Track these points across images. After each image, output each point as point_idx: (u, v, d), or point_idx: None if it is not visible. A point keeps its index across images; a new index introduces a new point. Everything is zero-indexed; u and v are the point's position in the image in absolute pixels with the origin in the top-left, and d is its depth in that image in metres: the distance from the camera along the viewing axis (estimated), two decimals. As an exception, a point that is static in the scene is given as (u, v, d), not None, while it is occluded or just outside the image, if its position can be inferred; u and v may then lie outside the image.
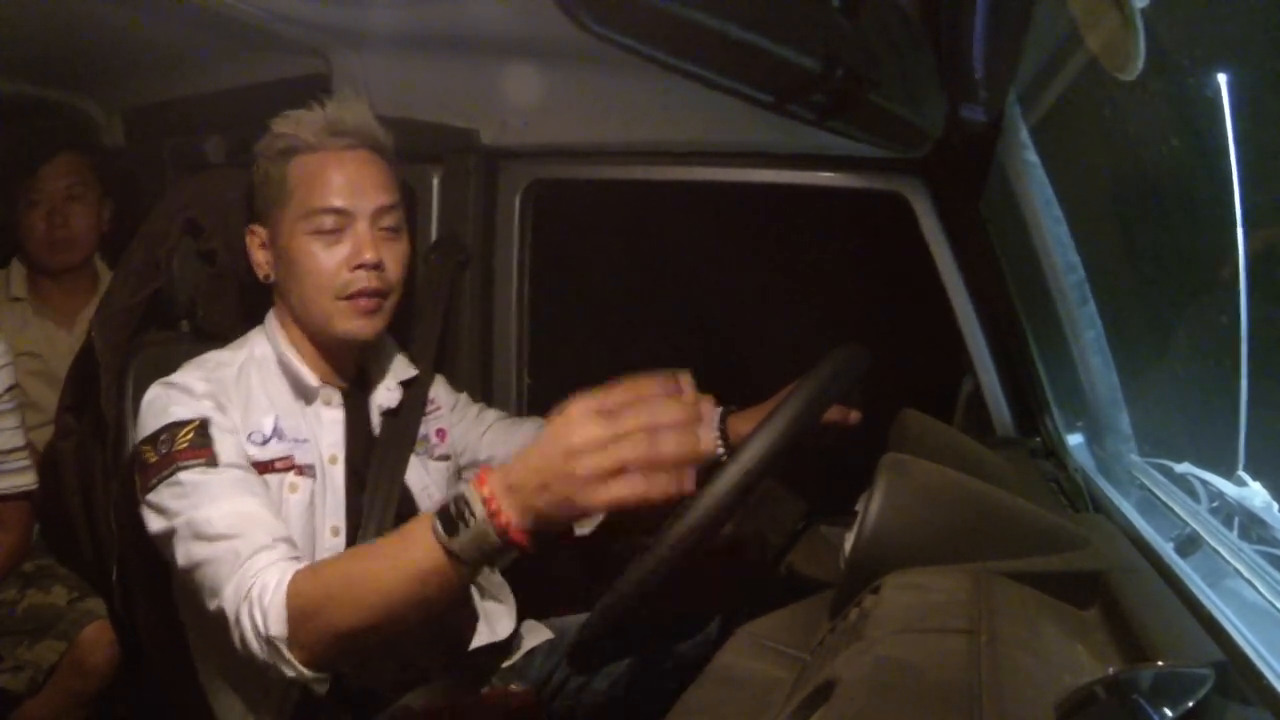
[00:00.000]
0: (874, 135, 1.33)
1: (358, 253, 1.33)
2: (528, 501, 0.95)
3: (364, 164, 1.37)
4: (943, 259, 1.60)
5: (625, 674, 1.44)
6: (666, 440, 0.91)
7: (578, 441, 0.91)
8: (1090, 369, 1.46)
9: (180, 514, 1.19)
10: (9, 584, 1.78)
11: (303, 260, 1.33)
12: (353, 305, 1.34)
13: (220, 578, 1.14)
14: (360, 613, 1.05)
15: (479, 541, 0.97)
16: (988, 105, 1.18)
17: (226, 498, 1.20)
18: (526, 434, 1.60)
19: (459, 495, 0.99)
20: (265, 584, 1.10)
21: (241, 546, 1.15)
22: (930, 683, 0.67)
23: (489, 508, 0.96)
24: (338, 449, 1.40)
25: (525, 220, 1.98)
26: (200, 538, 1.17)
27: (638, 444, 0.90)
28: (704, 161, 1.80)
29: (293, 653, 1.08)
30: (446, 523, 0.99)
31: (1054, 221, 1.40)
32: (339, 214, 1.33)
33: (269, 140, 1.38)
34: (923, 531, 0.92)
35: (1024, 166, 1.37)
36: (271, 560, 1.14)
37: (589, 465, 0.90)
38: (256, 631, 1.09)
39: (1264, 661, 0.77)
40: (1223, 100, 1.11)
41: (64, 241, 2.13)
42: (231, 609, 1.12)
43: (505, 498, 0.96)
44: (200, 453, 1.23)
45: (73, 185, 2.13)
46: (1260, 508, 1.14)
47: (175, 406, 1.26)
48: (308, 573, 1.12)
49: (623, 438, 0.90)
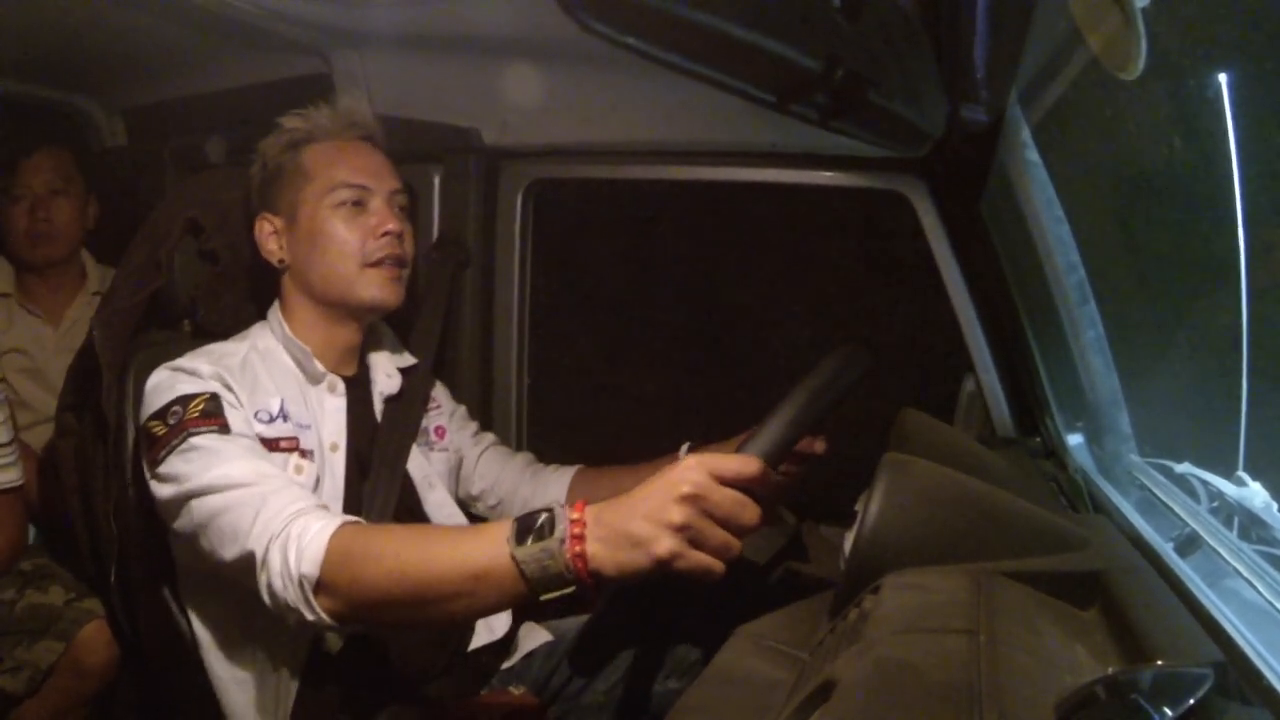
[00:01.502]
0: (875, 135, 1.33)
1: (382, 222, 1.39)
2: (611, 537, 0.95)
3: (375, 153, 1.46)
4: (943, 259, 1.61)
5: (625, 676, 1.44)
6: (744, 520, 0.95)
7: (687, 490, 0.93)
8: (1090, 369, 1.46)
9: (194, 475, 1.18)
10: (7, 584, 1.77)
11: (329, 232, 1.38)
12: (379, 271, 1.39)
13: (243, 520, 1.13)
14: (401, 584, 1.03)
15: (545, 559, 0.96)
16: (989, 105, 1.18)
17: (242, 458, 1.20)
18: (518, 466, 1.62)
19: (548, 508, 0.99)
20: (307, 526, 1.09)
21: (266, 491, 1.15)
22: (930, 683, 0.67)
23: (572, 530, 0.96)
24: (339, 437, 1.41)
25: (525, 220, 1.98)
26: (219, 489, 1.17)
27: (722, 525, 0.94)
28: (704, 161, 1.80)
29: (319, 598, 1.07)
30: (522, 529, 0.98)
31: (1055, 221, 1.40)
32: (361, 189, 1.40)
33: (276, 136, 1.44)
34: (923, 531, 0.92)
35: (1025, 166, 1.37)
36: (305, 505, 1.13)
37: (681, 517, 0.92)
38: (286, 569, 1.08)
39: (1263, 661, 0.77)
40: (1224, 100, 1.11)
41: (45, 235, 2.13)
42: (260, 546, 1.11)
43: (594, 527, 0.96)
44: (213, 420, 1.23)
45: (54, 180, 2.13)
46: (1260, 508, 1.15)
47: (183, 384, 1.27)
48: (359, 528, 1.11)
49: (717, 506, 0.94)
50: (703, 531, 0.93)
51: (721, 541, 0.94)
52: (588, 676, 1.45)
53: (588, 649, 1.27)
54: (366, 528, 1.13)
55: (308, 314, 1.42)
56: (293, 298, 1.43)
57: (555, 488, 1.59)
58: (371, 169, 1.42)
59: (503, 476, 1.61)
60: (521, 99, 1.78)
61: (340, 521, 1.10)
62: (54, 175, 2.13)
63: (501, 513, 1.62)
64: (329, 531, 1.08)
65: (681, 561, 0.93)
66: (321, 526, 1.09)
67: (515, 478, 1.61)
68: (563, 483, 1.59)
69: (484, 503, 1.63)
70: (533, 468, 1.63)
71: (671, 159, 1.83)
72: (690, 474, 0.94)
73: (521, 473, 1.61)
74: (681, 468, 0.95)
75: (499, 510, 1.62)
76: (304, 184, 1.40)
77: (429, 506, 1.49)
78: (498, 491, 1.62)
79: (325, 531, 1.08)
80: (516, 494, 1.61)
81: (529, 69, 1.74)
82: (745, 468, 0.96)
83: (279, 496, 1.14)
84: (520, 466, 1.62)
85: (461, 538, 1.05)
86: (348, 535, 1.08)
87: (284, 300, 1.44)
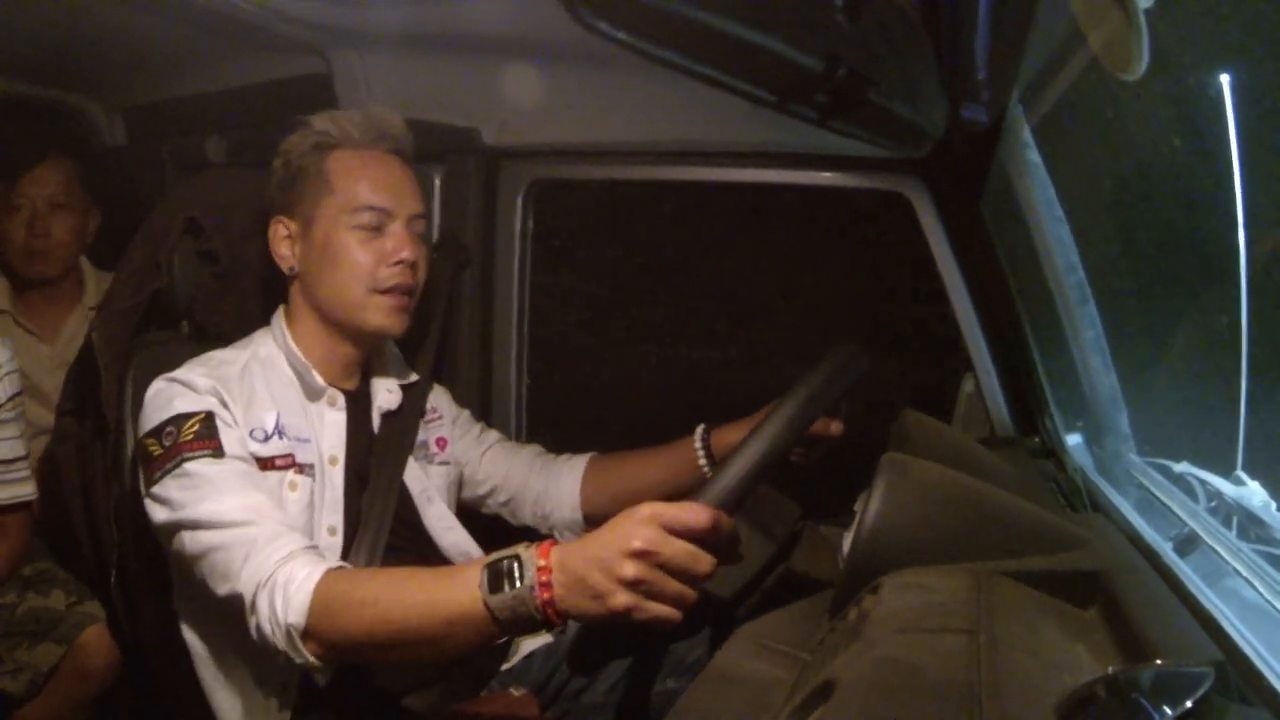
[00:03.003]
0: (875, 135, 1.33)
1: (397, 249, 1.36)
2: (574, 584, 0.97)
3: (403, 169, 1.42)
4: (943, 259, 1.61)
5: (625, 676, 1.44)
6: (697, 571, 0.96)
7: (638, 545, 0.94)
8: (1090, 369, 1.46)
9: (187, 505, 1.20)
10: (8, 587, 1.77)
11: (343, 252, 1.36)
12: (387, 299, 1.37)
13: (234, 562, 1.15)
14: (383, 631, 1.07)
15: (517, 605, 0.99)
16: (990, 105, 1.19)
17: (234, 490, 1.21)
18: (525, 459, 1.61)
19: (515, 555, 1.01)
20: (293, 574, 1.11)
21: (256, 533, 1.16)
22: (930, 683, 0.67)
23: (540, 577, 0.98)
24: (338, 450, 1.40)
25: (525, 220, 1.98)
26: (211, 526, 1.18)
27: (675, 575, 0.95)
28: (705, 161, 1.80)
29: (306, 644, 1.10)
30: (494, 577, 1.00)
31: (1055, 221, 1.40)
32: (382, 212, 1.37)
33: (303, 134, 1.40)
34: (922, 531, 0.92)
35: (1025, 166, 1.37)
36: (292, 550, 1.15)
37: (633, 573, 0.94)
38: (274, 617, 1.10)
39: (1263, 661, 0.77)
40: (1225, 100, 1.11)
41: (41, 252, 2.06)
42: (249, 592, 1.13)
43: (559, 574, 0.98)
44: (206, 444, 1.23)
45: (56, 194, 2.07)
46: (1259, 507, 1.15)
47: (179, 400, 1.27)
48: (341, 576, 1.13)
49: (669, 560, 0.95)
50: (655, 584, 0.95)
51: (675, 592, 0.96)
52: (588, 676, 1.45)
53: (588, 649, 1.27)
54: (349, 575, 1.16)
55: (312, 325, 1.41)
56: (299, 307, 1.42)
57: (568, 479, 1.58)
58: (395, 188, 1.38)
59: (511, 473, 1.60)
60: (521, 99, 1.78)
61: (324, 569, 1.12)
62: (56, 189, 2.07)
63: (512, 509, 1.62)
64: (314, 581, 1.10)
65: (637, 613, 0.95)
66: (306, 575, 1.11)
67: (524, 472, 1.60)
68: (576, 473, 1.59)
69: (494, 500, 1.62)
70: (542, 459, 1.62)
71: (671, 159, 1.83)
72: (640, 529, 0.95)
73: (530, 466, 1.60)
74: (634, 520, 0.96)
75: (509, 507, 1.62)
76: (325, 194, 1.37)
77: (428, 520, 1.48)
78: (507, 488, 1.61)
79: (310, 580, 1.11)
80: (527, 488, 1.60)
81: (529, 69, 1.74)
82: (695, 519, 0.96)
83: (269, 540, 1.16)
84: (528, 460, 1.61)
85: (437, 585, 1.06)
86: (330, 584, 1.11)
87: (290, 308, 1.43)
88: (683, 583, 0.96)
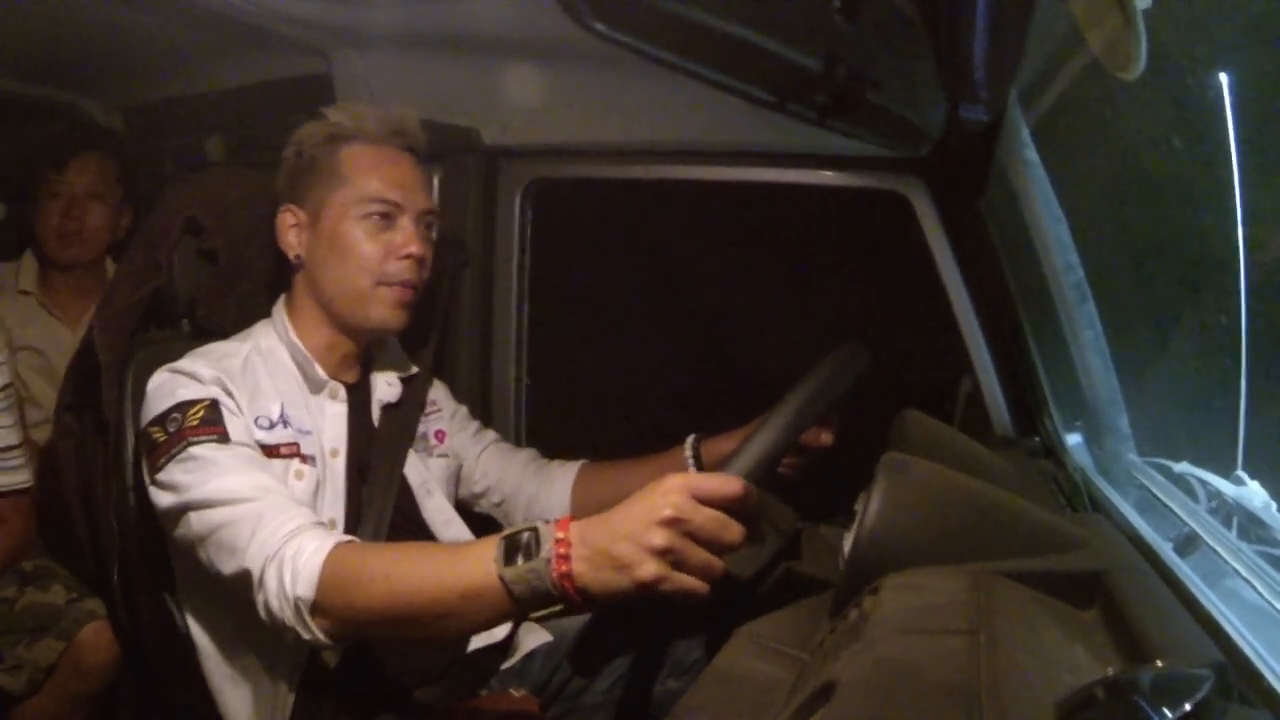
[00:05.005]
0: (874, 135, 1.33)
1: (405, 243, 1.37)
2: (596, 556, 0.95)
3: (415, 167, 1.43)
4: (943, 258, 1.60)
5: (625, 676, 1.44)
6: (727, 539, 0.95)
7: (669, 513, 0.93)
8: (1089, 369, 1.46)
9: (193, 487, 1.19)
10: (8, 582, 1.78)
11: (351, 243, 1.36)
12: (391, 293, 1.37)
13: (241, 536, 1.14)
14: (392, 605, 1.05)
15: (533, 579, 0.96)
16: (989, 104, 1.18)
17: (241, 471, 1.20)
18: (520, 463, 1.61)
19: (534, 528, 0.99)
20: (302, 547, 1.10)
21: (263, 508, 1.15)
22: (930, 683, 0.67)
23: (558, 550, 0.96)
24: (339, 442, 1.40)
25: (525, 220, 1.98)
26: (218, 504, 1.17)
27: (704, 545, 0.94)
28: (704, 160, 1.80)
29: (314, 619, 1.09)
30: (509, 549, 0.99)
31: (1054, 221, 1.40)
32: (393, 206, 1.37)
33: (316, 126, 1.41)
34: (922, 531, 0.92)
35: (1024, 166, 1.37)
36: (300, 524, 1.14)
37: (663, 541, 0.92)
38: (282, 591, 1.09)
39: (1263, 662, 0.77)
40: (1224, 100, 1.11)
41: (75, 235, 2.12)
42: (257, 566, 1.12)
43: (579, 546, 0.96)
44: (212, 429, 1.23)
45: (95, 184, 2.13)
46: (1259, 507, 1.15)
47: (183, 389, 1.27)
48: (351, 549, 1.11)
49: (700, 527, 0.94)
50: (685, 553, 0.94)
51: (704, 562, 0.95)
52: (588, 676, 1.45)
53: (588, 649, 1.27)
54: (359, 548, 1.14)
55: (314, 316, 1.41)
56: (302, 297, 1.42)
57: (560, 485, 1.59)
58: (408, 184, 1.39)
59: (505, 474, 1.61)
60: (521, 98, 1.78)
61: (334, 542, 1.11)
62: (96, 179, 2.13)
63: (505, 511, 1.62)
64: (323, 554, 1.09)
65: (665, 584, 0.94)
66: (316, 548, 1.09)
67: (518, 475, 1.60)
68: (567, 480, 1.59)
69: (488, 500, 1.62)
70: (536, 463, 1.62)
71: (671, 159, 1.83)
72: (671, 496, 0.94)
73: (525, 469, 1.61)
74: (662, 489, 0.95)
75: (502, 509, 1.62)
76: (336, 185, 1.37)
77: (427, 513, 1.48)
78: (501, 490, 1.61)
79: (319, 554, 1.09)
80: (520, 491, 1.60)
81: (529, 69, 1.74)
82: (726, 487, 0.96)
83: (275, 514, 1.15)
84: (523, 463, 1.62)
85: (451, 558, 1.05)
86: (341, 557, 1.09)
87: (292, 298, 1.43)
88: (711, 553, 0.95)
